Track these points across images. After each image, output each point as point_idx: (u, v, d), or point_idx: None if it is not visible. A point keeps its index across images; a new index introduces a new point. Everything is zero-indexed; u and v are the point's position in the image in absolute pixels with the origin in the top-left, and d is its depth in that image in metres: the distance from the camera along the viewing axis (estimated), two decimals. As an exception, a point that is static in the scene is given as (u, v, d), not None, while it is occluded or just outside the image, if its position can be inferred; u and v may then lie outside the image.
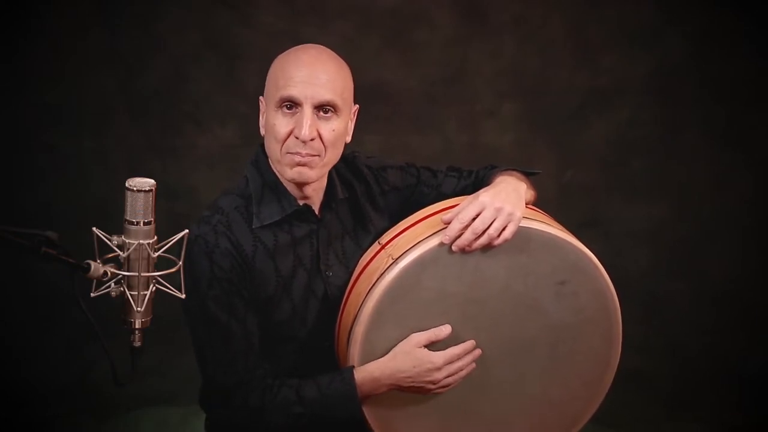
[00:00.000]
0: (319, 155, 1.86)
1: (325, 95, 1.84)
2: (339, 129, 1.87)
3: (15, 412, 3.51)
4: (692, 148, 4.18)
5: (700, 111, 4.16)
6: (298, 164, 1.86)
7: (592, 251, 1.92)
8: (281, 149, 1.86)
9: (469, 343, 1.89)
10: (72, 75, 3.97)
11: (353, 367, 1.87)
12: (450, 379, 1.89)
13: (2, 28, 3.85)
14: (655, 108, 4.16)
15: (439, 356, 1.87)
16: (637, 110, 4.17)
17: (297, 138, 1.84)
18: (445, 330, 1.87)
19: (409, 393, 1.89)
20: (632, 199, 4.22)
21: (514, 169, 2.07)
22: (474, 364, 1.90)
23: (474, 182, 2.11)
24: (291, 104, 1.85)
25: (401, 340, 1.87)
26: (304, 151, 1.84)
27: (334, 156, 1.91)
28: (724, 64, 4.10)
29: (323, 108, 1.85)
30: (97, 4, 3.95)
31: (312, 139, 1.84)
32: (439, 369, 1.87)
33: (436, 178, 2.13)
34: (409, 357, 1.86)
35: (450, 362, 1.87)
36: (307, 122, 1.83)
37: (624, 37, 4.12)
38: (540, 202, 2.04)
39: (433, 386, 1.88)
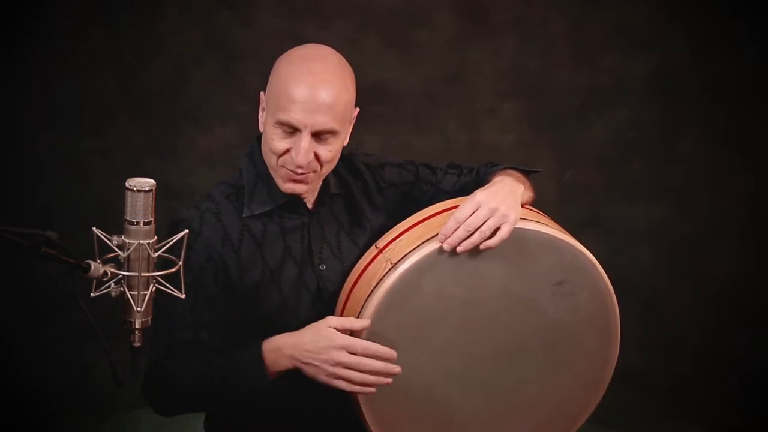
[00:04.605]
0: (315, 171, 1.89)
1: (326, 124, 1.84)
2: (336, 148, 1.90)
3: (15, 412, 3.51)
4: (692, 148, 4.18)
5: (700, 111, 4.16)
6: (292, 180, 1.89)
7: (591, 251, 1.92)
8: (277, 161, 1.89)
9: (388, 350, 1.81)
10: (72, 75, 3.97)
11: (265, 340, 1.85)
12: (354, 375, 1.79)
13: (2, 28, 3.85)
14: (655, 108, 4.16)
15: (341, 336, 1.80)
16: (637, 110, 4.17)
17: (293, 159, 1.86)
18: (362, 322, 1.81)
19: (310, 373, 1.82)
20: (632, 199, 4.22)
21: (514, 168, 2.07)
22: (389, 380, 1.81)
23: (474, 179, 2.11)
24: (290, 128, 1.85)
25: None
26: (299, 171, 1.87)
27: (330, 168, 1.94)
28: (724, 64, 4.10)
29: (322, 136, 1.86)
30: (97, 4, 3.95)
31: (308, 162, 1.86)
32: (338, 348, 1.79)
33: (435, 176, 2.13)
34: (313, 330, 1.82)
35: (353, 351, 1.79)
36: (305, 148, 1.84)
37: (624, 37, 4.12)
38: (540, 202, 2.04)
39: (330, 367, 1.79)
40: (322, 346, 1.80)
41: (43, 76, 3.94)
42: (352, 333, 1.83)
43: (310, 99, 1.82)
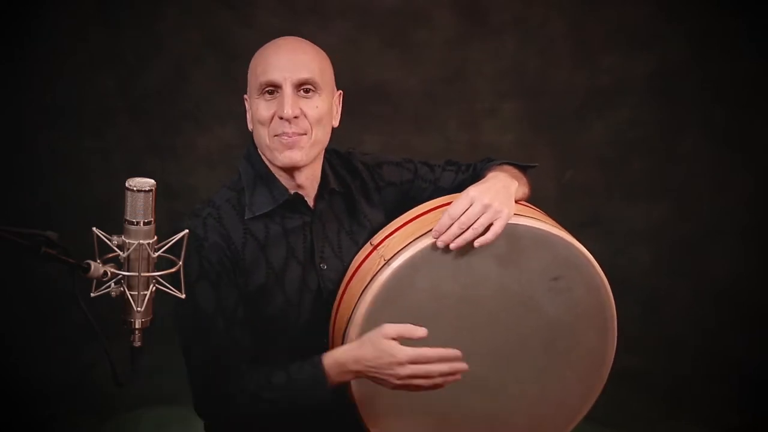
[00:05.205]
0: (305, 133, 1.89)
1: (304, 73, 1.88)
2: (323, 107, 1.90)
3: (15, 412, 3.51)
4: (692, 148, 4.18)
5: (700, 111, 4.16)
6: (287, 147, 1.88)
7: (591, 251, 1.92)
8: (268, 132, 1.89)
9: (451, 352, 1.81)
10: (72, 75, 3.97)
11: (323, 354, 1.85)
12: (423, 382, 1.79)
13: (2, 28, 3.86)
14: (655, 108, 4.16)
15: (403, 352, 1.78)
16: (637, 110, 4.17)
17: (281, 118, 1.87)
18: (420, 331, 1.78)
19: (378, 383, 1.82)
20: (632, 199, 4.22)
21: (509, 163, 2.07)
22: (459, 376, 1.81)
23: (472, 176, 2.11)
24: (272, 89, 1.88)
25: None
26: (290, 130, 1.87)
27: (321, 135, 1.92)
28: (724, 64, 4.10)
29: (304, 87, 1.88)
30: (97, 4, 3.95)
31: (296, 117, 1.87)
32: (401, 364, 1.77)
33: (434, 173, 2.13)
34: (374, 346, 1.79)
35: (416, 362, 1.78)
36: (289, 101, 1.86)
37: (624, 37, 4.12)
38: (540, 202, 2.04)
39: (397, 381, 1.79)
40: (385, 362, 1.78)
41: (43, 76, 3.95)
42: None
43: (287, 56, 1.90)
